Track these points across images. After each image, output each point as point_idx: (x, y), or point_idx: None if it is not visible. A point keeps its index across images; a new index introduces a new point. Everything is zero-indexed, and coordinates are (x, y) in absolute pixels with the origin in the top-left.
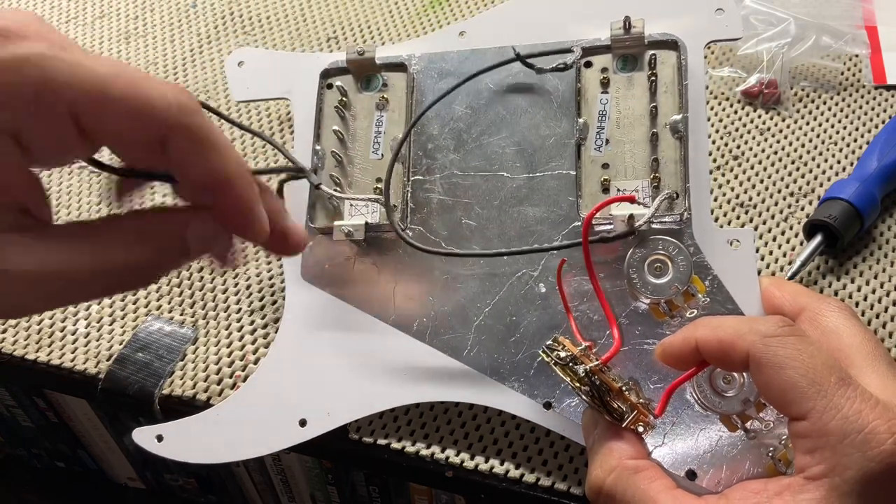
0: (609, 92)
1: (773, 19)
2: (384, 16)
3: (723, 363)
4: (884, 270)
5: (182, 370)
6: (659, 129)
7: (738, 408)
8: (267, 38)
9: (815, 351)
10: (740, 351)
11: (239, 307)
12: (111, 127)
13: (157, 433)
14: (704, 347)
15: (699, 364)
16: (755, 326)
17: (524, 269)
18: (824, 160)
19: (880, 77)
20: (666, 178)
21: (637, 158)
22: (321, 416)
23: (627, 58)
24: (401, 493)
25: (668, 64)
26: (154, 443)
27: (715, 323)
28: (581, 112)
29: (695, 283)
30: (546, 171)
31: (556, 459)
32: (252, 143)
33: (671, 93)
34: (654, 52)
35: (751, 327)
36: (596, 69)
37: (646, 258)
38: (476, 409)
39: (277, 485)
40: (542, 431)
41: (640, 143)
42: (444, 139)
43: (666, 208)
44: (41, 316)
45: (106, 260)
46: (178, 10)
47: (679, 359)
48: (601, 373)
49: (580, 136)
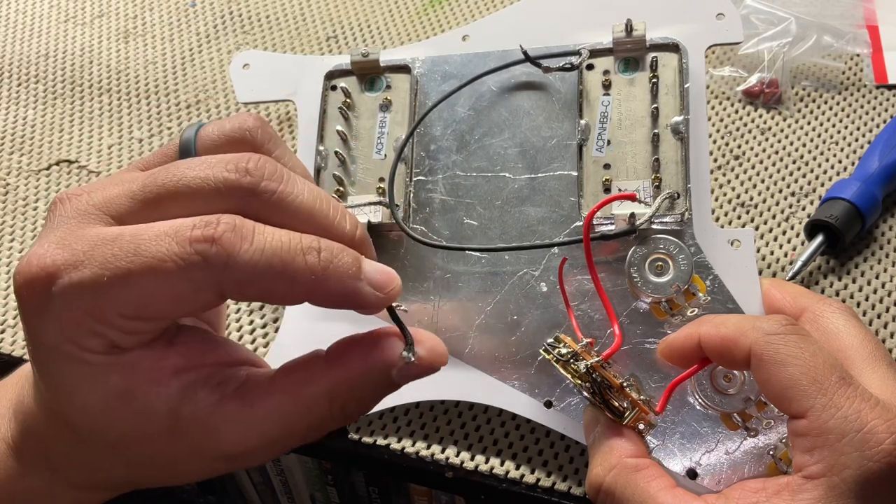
0: (611, 94)
1: (774, 19)
2: (384, 15)
3: (725, 360)
4: (885, 270)
5: None
6: (660, 131)
7: (739, 406)
8: (266, 38)
9: (816, 350)
10: (742, 348)
11: (238, 307)
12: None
13: None
14: (707, 344)
15: (701, 361)
16: (758, 324)
17: (525, 269)
18: (825, 160)
19: (881, 76)
20: (667, 178)
21: (638, 159)
22: None
23: (629, 60)
24: (401, 493)
25: (669, 66)
26: None
27: (718, 320)
28: (583, 113)
29: (696, 282)
30: (548, 171)
31: (556, 460)
32: None
33: (672, 95)
34: (655, 54)
35: (753, 325)
36: (598, 71)
37: (647, 257)
38: (476, 409)
39: (277, 485)
40: (542, 432)
41: (641, 144)
42: (446, 140)
43: (667, 208)
44: None
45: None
46: (177, 10)
47: (681, 355)
48: (602, 369)
49: (582, 137)
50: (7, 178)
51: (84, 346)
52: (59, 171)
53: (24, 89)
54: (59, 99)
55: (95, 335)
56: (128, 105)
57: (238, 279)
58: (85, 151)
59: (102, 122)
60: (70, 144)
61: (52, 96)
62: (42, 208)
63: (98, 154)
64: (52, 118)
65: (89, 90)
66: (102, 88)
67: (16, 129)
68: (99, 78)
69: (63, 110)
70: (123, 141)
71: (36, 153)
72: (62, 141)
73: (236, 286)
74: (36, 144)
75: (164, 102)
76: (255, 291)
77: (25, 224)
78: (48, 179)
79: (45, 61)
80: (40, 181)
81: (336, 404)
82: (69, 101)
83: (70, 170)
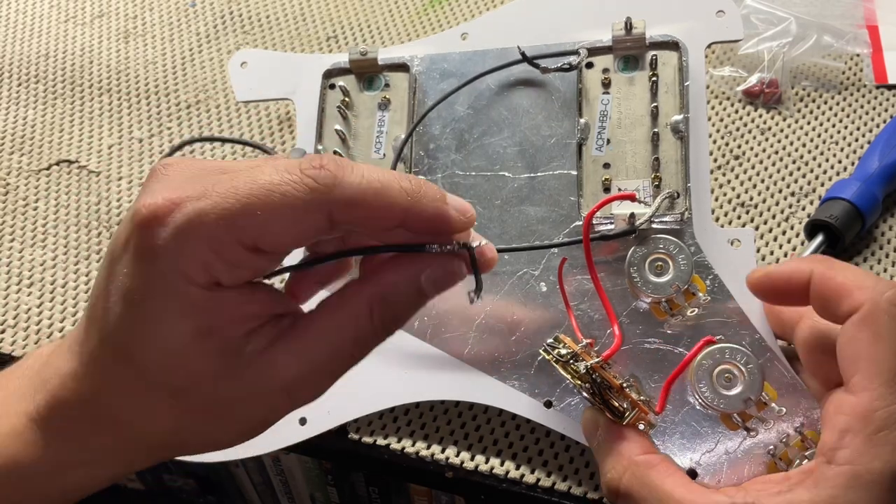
0: (610, 92)
1: (774, 19)
2: (384, 15)
3: (826, 305)
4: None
5: None
6: (660, 129)
7: (739, 406)
8: (266, 38)
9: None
10: (855, 301)
11: None
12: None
13: None
14: (820, 281)
15: (700, 344)
16: (880, 286)
17: (525, 269)
18: (825, 160)
19: (881, 76)
20: (667, 177)
21: (638, 158)
22: (321, 415)
23: (629, 58)
24: (401, 493)
25: (669, 65)
26: None
27: (836, 264)
28: (582, 112)
29: (696, 282)
30: (547, 170)
31: (556, 460)
32: (242, 150)
33: (672, 93)
34: (655, 52)
35: (876, 284)
36: (597, 70)
37: (647, 257)
38: (476, 409)
39: (277, 485)
40: (542, 432)
41: (641, 143)
42: (445, 139)
43: (667, 208)
44: (40, 316)
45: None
46: (177, 10)
47: (778, 288)
48: (602, 369)
49: (581, 136)
50: (7, 178)
51: (192, 279)
52: (59, 171)
53: (24, 89)
54: (59, 99)
55: (206, 269)
56: (128, 105)
57: (346, 199)
58: (85, 151)
59: (102, 122)
60: (70, 144)
61: (52, 96)
62: (42, 208)
63: (98, 154)
64: (53, 118)
65: (89, 90)
66: (102, 88)
67: (16, 129)
68: (99, 78)
69: (63, 110)
70: (123, 141)
71: (36, 153)
72: (62, 141)
73: (344, 207)
74: (36, 144)
75: (164, 102)
76: (361, 212)
77: (25, 224)
78: (48, 179)
79: (45, 61)
80: (40, 181)
81: (376, 316)
82: (69, 101)
83: (70, 170)
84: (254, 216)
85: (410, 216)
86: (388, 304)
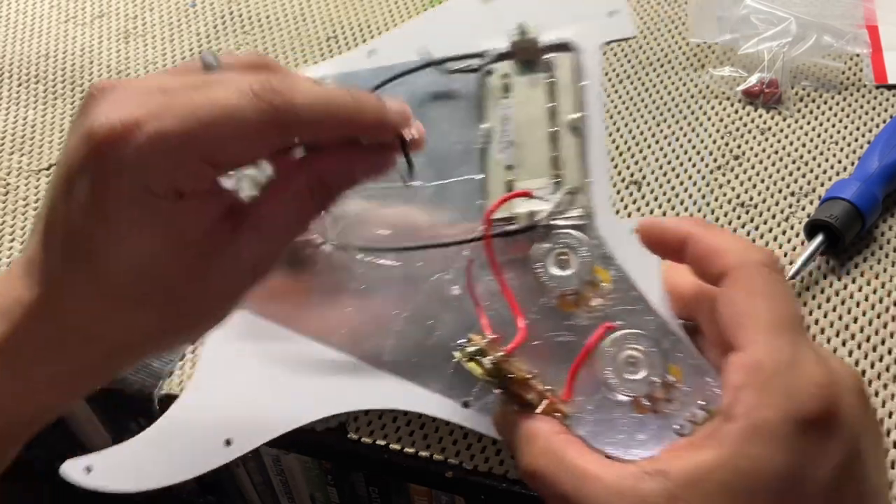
0: (510, 96)
1: (773, 18)
2: (384, 16)
3: (700, 265)
4: (885, 270)
5: (181, 370)
6: (560, 128)
7: (645, 389)
8: (266, 38)
9: (790, 298)
10: (725, 263)
11: None
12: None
13: (86, 464)
14: (693, 242)
15: (599, 330)
16: (749, 249)
17: (439, 273)
18: (825, 160)
19: (881, 76)
20: (568, 174)
21: (539, 158)
22: (246, 435)
23: (527, 63)
24: (401, 493)
25: (564, 66)
26: (83, 475)
27: (712, 228)
28: (485, 117)
29: (599, 273)
30: (455, 177)
31: None
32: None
33: (568, 93)
34: (550, 55)
35: (745, 247)
36: (498, 75)
37: (549, 252)
38: None
39: (277, 485)
40: None
41: (540, 143)
42: None
43: (568, 203)
44: None
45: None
46: (177, 10)
47: (661, 240)
48: (507, 363)
49: (485, 141)
50: (7, 178)
51: (157, 192)
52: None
53: (24, 89)
54: (60, 99)
55: (169, 182)
56: None
57: (296, 110)
58: None
59: None
60: None
61: (52, 96)
62: None
63: None
64: (53, 118)
65: None
66: None
67: (16, 129)
68: (99, 78)
69: (63, 110)
70: None
71: (36, 153)
72: (62, 141)
73: (295, 119)
74: (36, 144)
75: None
76: (313, 129)
77: (25, 224)
78: (48, 179)
79: (46, 61)
80: (40, 181)
81: (316, 195)
82: (69, 101)
83: None
84: (215, 136)
85: (356, 123)
86: (324, 185)
